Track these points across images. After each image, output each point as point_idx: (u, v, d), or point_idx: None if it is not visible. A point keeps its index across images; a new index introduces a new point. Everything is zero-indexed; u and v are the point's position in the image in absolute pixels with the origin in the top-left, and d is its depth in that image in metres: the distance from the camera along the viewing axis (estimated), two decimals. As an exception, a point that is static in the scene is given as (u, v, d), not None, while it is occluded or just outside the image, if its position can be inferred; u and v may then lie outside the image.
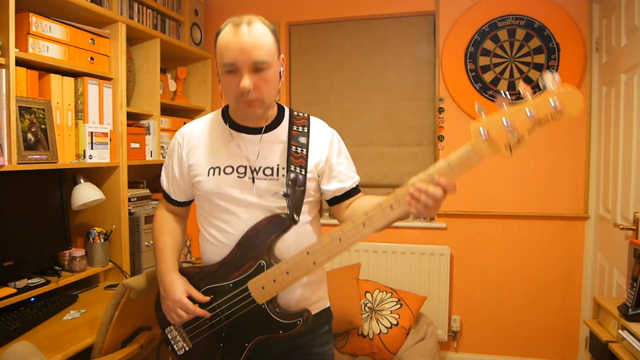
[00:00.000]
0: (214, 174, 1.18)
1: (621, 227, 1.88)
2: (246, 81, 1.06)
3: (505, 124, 0.87)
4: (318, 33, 2.90)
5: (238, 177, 1.17)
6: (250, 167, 1.17)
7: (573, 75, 2.44)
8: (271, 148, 1.19)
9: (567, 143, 2.50)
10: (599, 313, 1.70)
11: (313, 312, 1.22)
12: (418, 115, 2.77)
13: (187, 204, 1.34)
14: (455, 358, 2.72)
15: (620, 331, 1.46)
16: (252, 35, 1.07)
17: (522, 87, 0.88)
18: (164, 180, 1.31)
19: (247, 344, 1.16)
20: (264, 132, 1.20)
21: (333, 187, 1.23)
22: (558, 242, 2.55)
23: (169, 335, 1.25)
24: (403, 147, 2.79)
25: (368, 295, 2.46)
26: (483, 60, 2.57)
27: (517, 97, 0.90)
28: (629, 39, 1.95)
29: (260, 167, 1.17)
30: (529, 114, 0.86)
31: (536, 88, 0.85)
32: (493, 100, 2.60)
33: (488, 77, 2.56)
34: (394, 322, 2.33)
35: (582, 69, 2.44)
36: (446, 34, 2.61)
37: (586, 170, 2.48)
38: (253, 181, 1.16)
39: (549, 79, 0.85)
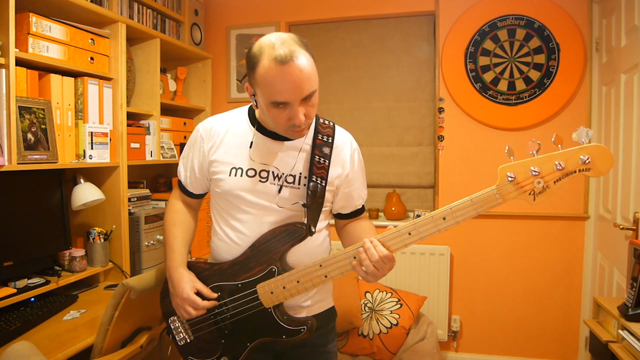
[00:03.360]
0: (235, 175, 1.18)
1: (621, 227, 1.88)
2: (301, 116, 1.06)
3: (532, 171, 0.91)
4: (318, 33, 2.90)
5: (260, 181, 1.17)
6: (272, 172, 1.17)
7: (573, 75, 2.44)
8: (295, 155, 1.19)
9: (567, 143, 2.49)
10: (599, 313, 1.70)
11: (318, 311, 1.25)
12: (418, 115, 2.77)
13: (202, 196, 1.34)
14: (455, 358, 2.72)
15: (620, 331, 1.46)
16: (301, 71, 1.02)
17: (555, 138, 0.92)
18: (182, 171, 1.30)
19: (249, 343, 1.18)
20: (290, 140, 1.19)
21: (339, 204, 1.27)
22: (558, 242, 2.55)
23: (171, 325, 1.26)
24: (403, 147, 2.79)
25: (368, 295, 2.46)
26: (483, 60, 2.57)
27: (517, 97, 0.93)
28: (629, 39, 1.95)
29: (283, 174, 1.18)
30: (557, 166, 0.90)
31: (535, 88, 0.86)
32: (493, 100, 2.61)
33: (488, 77, 2.56)
34: (394, 322, 2.33)
35: (582, 69, 2.44)
36: (446, 34, 2.61)
37: (586, 170, 2.48)
38: (276, 188, 1.17)
39: (583, 135, 0.89)
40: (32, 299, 1.67)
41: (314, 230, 1.15)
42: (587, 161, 0.88)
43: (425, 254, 2.64)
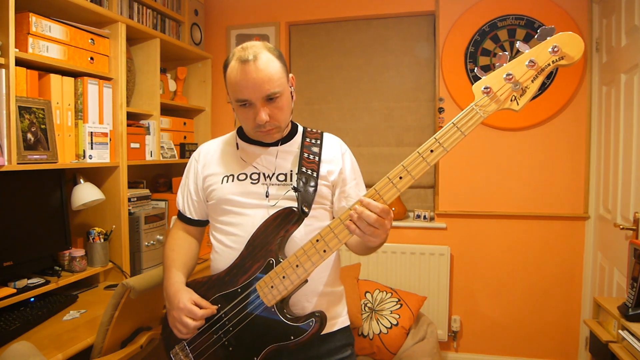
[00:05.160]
0: (227, 181, 1.20)
1: (621, 227, 1.88)
2: (262, 115, 1.10)
3: (506, 76, 0.90)
4: (318, 33, 2.90)
5: (251, 183, 1.18)
6: (263, 174, 1.19)
7: (573, 75, 2.44)
8: (284, 157, 1.21)
9: (567, 143, 2.50)
10: (599, 313, 1.70)
11: (331, 329, 1.19)
12: (418, 115, 2.77)
13: (201, 224, 1.32)
14: (455, 358, 2.72)
15: (620, 331, 1.46)
16: (259, 71, 1.07)
17: (520, 46, 0.91)
18: (180, 200, 1.32)
19: (255, 358, 1.08)
20: (278, 145, 1.22)
21: (339, 205, 1.24)
22: (558, 242, 2.55)
23: (173, 358, 1.19)
24: (403, 147, 2.79)
25: (368, 295, 2.46)
26: (483, 60, 2.57)
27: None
28: (629, 39, 1.95)
29: (273, 174, 1.18)
30: (529, 65, 0.88)
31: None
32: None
33: (488, 77, 2.56)
34: (394, 322, 2.33)
35: (582, 69, 2.44)
36: (446, 34, 2.61)
37: (586, 170, 2.48)
38: (266, 186, 1.17)
39: (546, 31, 0.88)
40: (32, 299, 1.67)
41: (307, 210, 1.10)
42: (556, 50, 0.86)
43: (425, 254, 2.64)
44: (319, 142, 1.24)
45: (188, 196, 1.29)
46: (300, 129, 1.28)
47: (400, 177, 0.96)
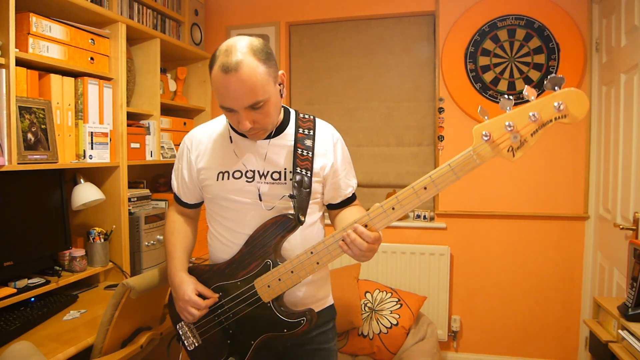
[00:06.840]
0: (222, 179, 1.21)
1: (621, 227, 1.88)
2: (246, 124, 1.08)
3: (507, 126, 0.89)
4: (318, 33, 2.90)
5: (247, 181, 1.20)
6: (258, 171, 1.20)
7: (573, 75, 2.44)
8: (278, 152, 1.21)
9: (567, 143, 2.50)
10: (599, 313, 1.70)
11: (318, 309, 1.27)
12: (418, 115, 2.77)
13: (197, 205, 1.37)
14: (455, 358, 2.72)
15: (620, 331, 1.46)
16: (242, 82, 1.02)
17: (527, 91, 0.88)
18: (175, 182, 1.35)
19: (253, 342, 1.20)
20: (271, 137, 1.22)
21: (329, 195, 1.28)
22: (558, 242, 2.55)
23: (180, 330, 1.30)
24: (403, 147, 2.79)
25: (368, 295, 2.46)
26: (483, 60, 2.57)
27: (518, 97, 0.91)
28: (629, 39, 1.95)
29: (268, 172, 1.20)
30: (531, 117, 0.87)
31: (535, 88, 0.85)
32: (493, 101, 2.61)
33: (488, 77, 2.56)
34: (394, 322, 2.33)
35: (582, 69, 2.44)
36: (446, 34, 2.61)
37: (586, 170, 2.48)
38: (263, 186, 1.19)
39: (555, 80, 0.87)
40: (32, 299, 1.67)
41: (303, 219, 1.16)
42: (561, 108, 0.85)
43: (425, 254, 2.64)
44: (311, 132, 1.23)
45: (182, 182, 1.32)
46: (292, 116, 1.26)
47: (393, 209, 1.03)
